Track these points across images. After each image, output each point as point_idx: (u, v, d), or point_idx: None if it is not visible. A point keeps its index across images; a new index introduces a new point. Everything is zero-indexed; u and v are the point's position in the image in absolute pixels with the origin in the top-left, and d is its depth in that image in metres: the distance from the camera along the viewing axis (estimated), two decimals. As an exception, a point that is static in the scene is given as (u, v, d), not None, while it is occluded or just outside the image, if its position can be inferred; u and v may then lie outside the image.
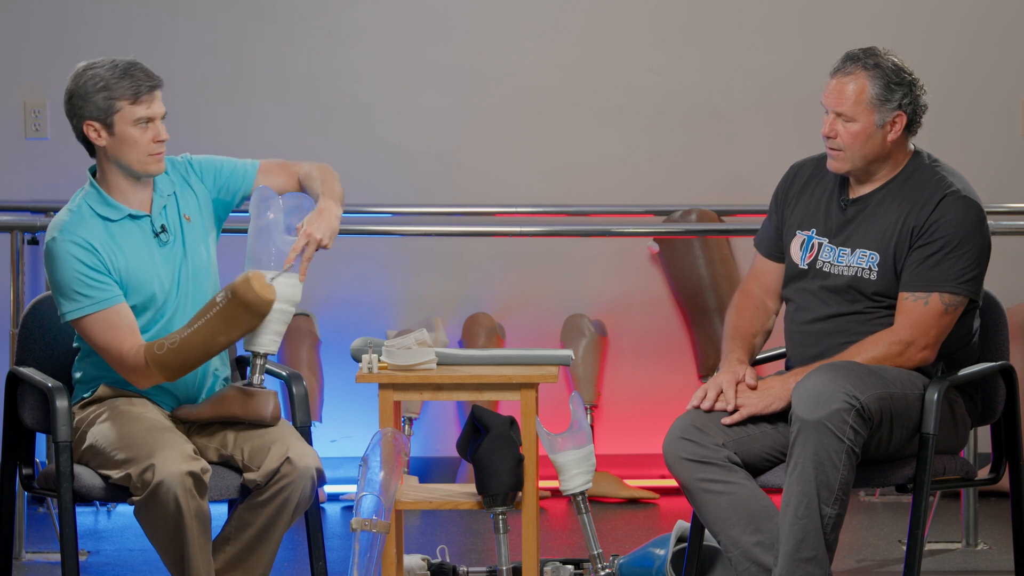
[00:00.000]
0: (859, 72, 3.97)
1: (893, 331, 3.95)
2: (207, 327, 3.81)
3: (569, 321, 6.26)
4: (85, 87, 3.96)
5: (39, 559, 5.18)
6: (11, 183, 6.33)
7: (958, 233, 3.94)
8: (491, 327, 6.21)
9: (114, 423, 3.90)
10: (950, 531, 5.44)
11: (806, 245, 4.10)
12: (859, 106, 3.96)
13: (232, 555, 3.93)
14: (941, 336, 3.96)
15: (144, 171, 3.99)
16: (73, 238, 3.92)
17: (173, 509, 3.74)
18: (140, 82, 3.94)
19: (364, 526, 3.84)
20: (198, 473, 3.76)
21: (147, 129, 3.95)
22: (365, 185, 6.38)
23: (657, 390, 6.36)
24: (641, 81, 6.45)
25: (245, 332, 3.86)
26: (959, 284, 3.94)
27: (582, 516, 4.04)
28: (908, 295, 3.95)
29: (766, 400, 3.96)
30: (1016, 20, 6.48)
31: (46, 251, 3.95)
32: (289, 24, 6.41)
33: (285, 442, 3.92)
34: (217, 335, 3.82)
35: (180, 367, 3.85)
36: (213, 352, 3.85)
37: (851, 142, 3.98)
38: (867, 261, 4.00)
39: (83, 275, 3.90)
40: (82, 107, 3.96)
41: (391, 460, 3.90)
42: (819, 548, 3.78)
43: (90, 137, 3.97)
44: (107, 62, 3.97)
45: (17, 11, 6.37)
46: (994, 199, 6.06)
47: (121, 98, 3.93)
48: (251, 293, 3.78)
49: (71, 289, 3.90)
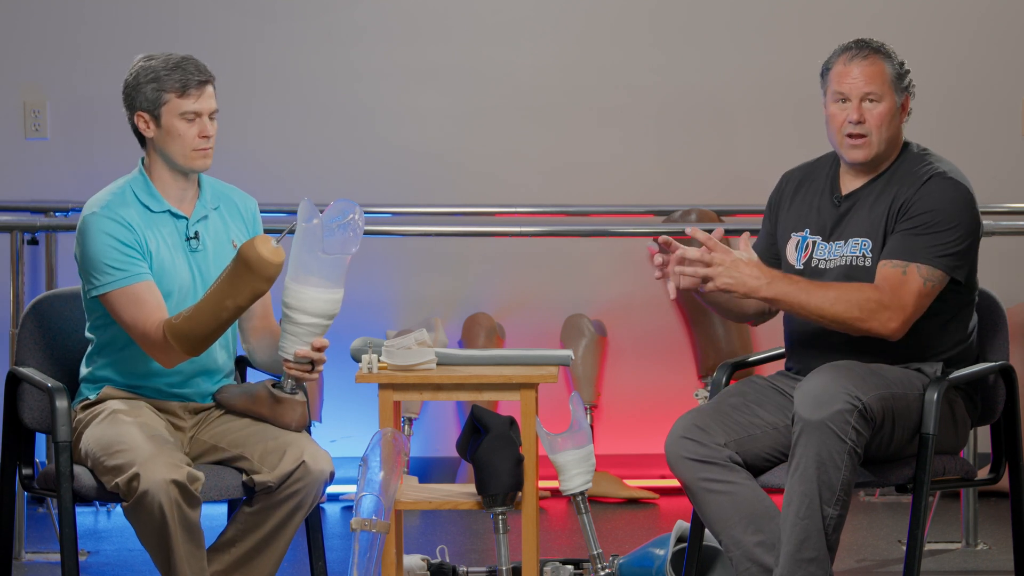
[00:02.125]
0: (874, 55, 4.00)
1: (871, 287, 3.89)
2: (215, 292, 3.83)
3: (569, 321, 6.26)
4: (138, 78, 4.01)
5: (39, 559, 5.18)
6: (11, 183, 6.33)
7: (941, 210, 3.93)
8: (491, 327, 6.21)
9: (107, 428, 3.89)
10: (950, 531, 5.44)
11: (800, 246, 4.10)
12: (885, 85, 3.99)
13: (238, 557, 3.92)
14: (916, 314, 3.91)
15: (188, 166, 4.01)
16: (111, 215, 3.95)
17: (158, 518, 3.73)
18: (190, 75, 3.98)
19: (364, 526, 3.84)
20: (184, 482, 3.74)
21: (193, 123, 3.99)
22: (365, 185, 6.38)
23: (657, 390, 6.35)
24: (641, 81, 6.45)
25: (251, 296, 3.83)
26: (937, 258, 3.92)
27: (582, 516, 4.04)
28: (887, 263, 3.94)
29: (732, 282, 3.88)
30: (1016, 20, 6.48)
31: (82, 225, 3.97)
32: (289, 24, 6.41)
33: (300, 445, 3.92)
34: (225, 299, 3.81)
35: (196, 337, 3.84)
36: (224, 319, 3.83)
37: (879, 124, 3.98)
38: (860, 248, 4.00)
39: (116, 250, 3.92)
40: (134, 98, 4.01)
41: (391, 460, 3.90)
42: (820, 548, 3.78)
43: (140, 128, 4.02)
44: (163, 55, 4.02)
45: (17, 11, 6.37)
46: (994, 199, 6.06)
47: (169, 90, 3.97)
48: (253, 252, 3.77)
49: (102, 263, 3.92)
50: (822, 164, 4.17)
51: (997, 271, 5.86)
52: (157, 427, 3.93)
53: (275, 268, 3.81)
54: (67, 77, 6.38)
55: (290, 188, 6.30)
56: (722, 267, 3.90)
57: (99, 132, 6.31)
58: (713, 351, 6.18)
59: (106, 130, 6.28)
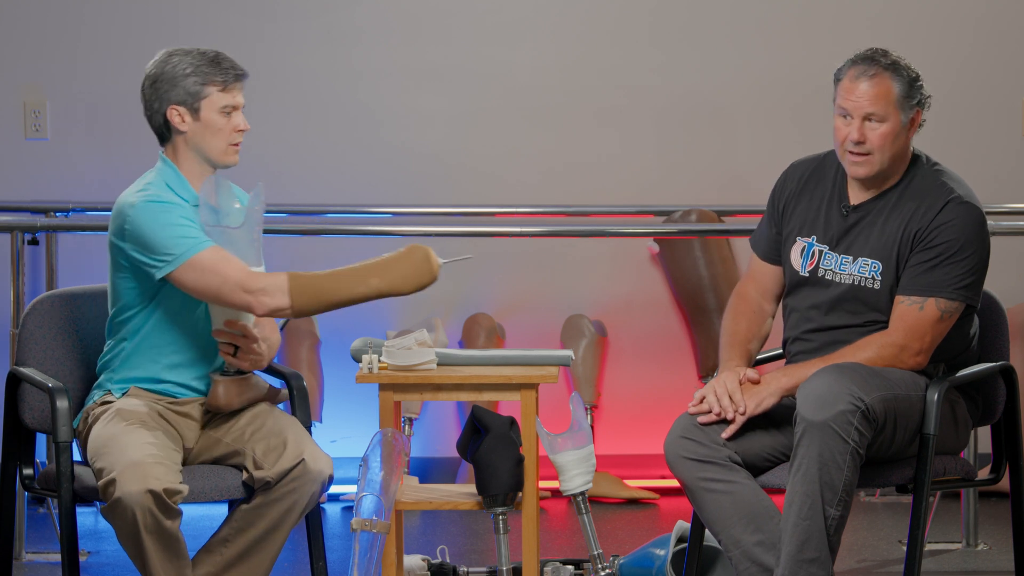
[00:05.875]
0: (881, 73, 3.94)
1: (886, 334, 3.94)
2: (365, 267, 3.87)
3: (569, 321, 6.26)
4: (174, 71, 3.98)
5: (39, 559, 5.18)
6: (11, 183, 6.33)
7: (959, 239, 3.92)
8: (491, 327, 6.21)
9: (105, 429, 3.89)
10: (950, 531, 5.44)
11: (806, 253, 4.08)
12: (890, 106, 3.93)
13: (230, 557, 3.92)
14: (935, 342, 3.94)
15: (222, 161, 4.02)
16: (158, 199, 3.93)
17: (131, 525, 3.71)
18: (229, 70, 3.99)
19: (364, 526, 3.84)
20: (160, 493, 3.70)
21: (230, 118, 3.99)
22: (365, 185, 6.38)
23: (657, 390, 6.35)
24: (641, 81, 6.45)
25: (394, 286, 3.86)
26: (956, 290, 3.92)
27: (582, 516, 4.04)
28: (904, 299, 3.94)
29: (756, 398, 3.95)
30: (1016, 20, 6.48)
31: (135, 212, 3.90)
32: (289, 24, 6.41)
33: (301, 444, 3.92)
34: (370, 276, 3.85)
35: (317, 295, 3.85)
36: (356, 293, 3.86)
37: (881, 143, 3.94)
38: (869, 270, 3.99)
39: (180, 224, 3.90)
40: (168, 91, 3.97)
41: (391, 460, 3.90)
42: (822, 549, 3.78)
43: (173, 122, 3.99)
44: (192, 50, 4.01)
45: (17, 11, 6.37)
46: (994, 199, 6.06)
47: (211, 84, 3.97)
48: (426, 254, 3.87)
49: (174, 235, 3.89)
50: (830, 163, 4.12)
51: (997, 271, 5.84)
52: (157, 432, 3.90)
53: (431, 278, 3.89)
54: (67, 77, 6.38)
55: (290, 188, 6.31)
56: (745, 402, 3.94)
57: (99, 132, 6.31)
58: (713, 351, 6.17)
59: (106, 130, 6.29)
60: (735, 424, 3.92)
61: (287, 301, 3.85)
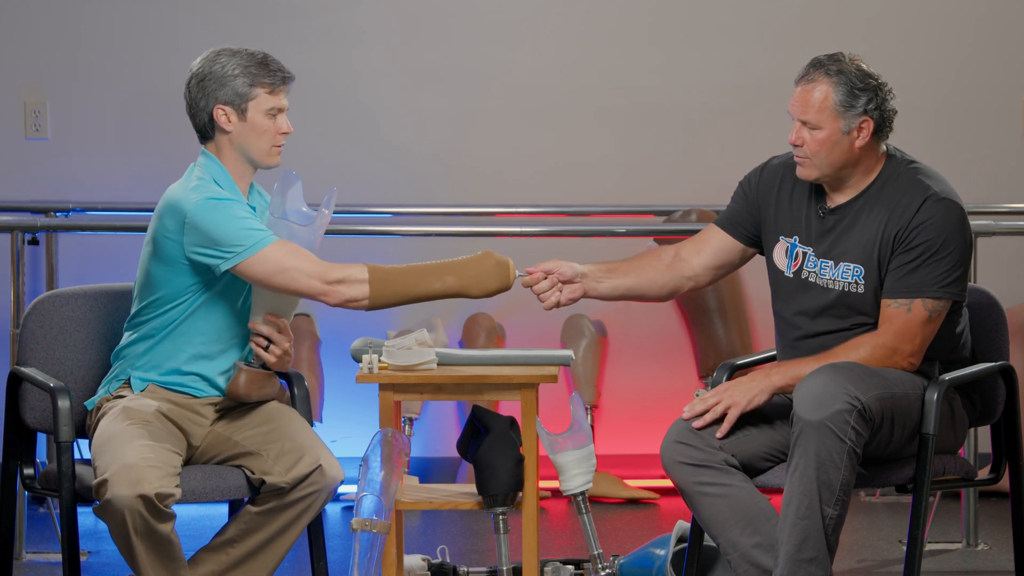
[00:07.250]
0: (822, 79, 3.93)
1: (876, 335, 3.93)
2: (440, 264, 3.92)
3: (569, 321, 6.27)
4: (224, 70, 3.98)
5: (39, 559, 5.18)
6: (11, 183, 6.33)
7: (939, 237, 3.90)
8: (491, 327, 6.21)
9: (108, 425, 3.88)
10: (950, 531, 5.44)
11: (790, 253, 4.07)
12: (823, 113, 3.93)
13: (236, 558, 3.92)
14: (926, 342, 3.94)
15: (265, 162, 4.03)
16: (219, 195, 3.92)
17: (120, 526, 3.70)
18: (277, 73, 4.01)
19: (364, 526, 3.84)
20: (151, 497, 3.69)
21: (275, 120, 4.01)
22: (365, 185, 6.39)
23: (657, 390, 6.36)
24: (641, 81, 6.46)
25: (466, 286, 3.92)
26: (941, 288, 3.91)
27: (582, 516, 4.04)
28: (891, 302, 3.93)
29: (749, 394, 3.95)
30: (1016, 20, 6.48)
31: (196, 207, 3.89)
32: (289, 24, 6.41)
33: (316, 451, 3.94)
34: (447, 273, 3.90)
35: (393, 287, 3.90)
36: (432, 289, 3.92)
37: (817, 149, 3.95)
38: (852, 275, 3.98)
39: (245, 218, 3.90)
40: (216, 90, 3.98)
41: (391, 460, 3.90)
42: (820, 549, 3.78)
43: (219, 121, 3.99)
44: (241, 50, 4.02)
45: (17, 11, 6.37)
46: (994, 199, 6.07)
47: (259, 85, 3.99)
48: (496, 257, 3.93)
49: (242, 228, 3.88)
50: None
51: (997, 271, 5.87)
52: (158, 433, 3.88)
53: (505, 285, 3.96)
54: (67, 77, 6.38)
55: (290, 188, 6.30)
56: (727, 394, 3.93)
57: (99, 132, 6.31)
58: (713, 351, 6.18)
59: (106, 130, 6.29)
60: (727, 421, 3.92)
61: (365, 291, 3.90)
